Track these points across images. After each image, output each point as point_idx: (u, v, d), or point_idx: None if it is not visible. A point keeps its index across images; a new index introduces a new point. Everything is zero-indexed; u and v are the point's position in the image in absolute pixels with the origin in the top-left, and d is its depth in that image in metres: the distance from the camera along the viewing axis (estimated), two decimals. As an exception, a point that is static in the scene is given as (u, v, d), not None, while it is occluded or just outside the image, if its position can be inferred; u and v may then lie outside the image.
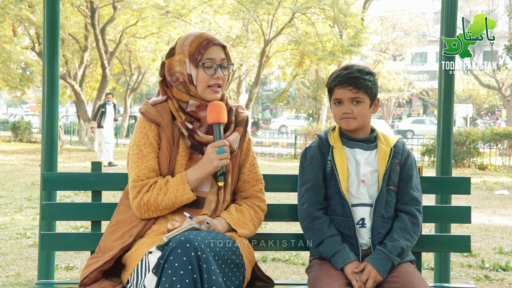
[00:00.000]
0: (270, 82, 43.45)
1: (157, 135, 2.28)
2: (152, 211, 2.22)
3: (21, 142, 22.67)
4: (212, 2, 18.61)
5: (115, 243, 2.23)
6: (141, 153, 2.26)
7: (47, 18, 3.08)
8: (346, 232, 2.29)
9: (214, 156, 2.21)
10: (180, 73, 2.26)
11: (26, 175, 11.13)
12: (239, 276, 2.12)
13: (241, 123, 2.37)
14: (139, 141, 2.27)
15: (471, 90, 34.27)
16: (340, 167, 2.30)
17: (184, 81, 2.26)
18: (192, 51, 2.25)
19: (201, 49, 2.25)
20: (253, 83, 20.40)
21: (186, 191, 2.19)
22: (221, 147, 2.22)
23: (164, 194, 2.19)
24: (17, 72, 19.72)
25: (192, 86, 2.26)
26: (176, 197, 2.19)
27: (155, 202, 2.19)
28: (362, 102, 2.31)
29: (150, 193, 2.20)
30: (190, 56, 2.25)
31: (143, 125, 2.29)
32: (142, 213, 2.23)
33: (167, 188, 2.20)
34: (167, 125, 2.27)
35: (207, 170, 2.22)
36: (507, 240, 5.92)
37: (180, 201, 2.20)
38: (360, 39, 18.28)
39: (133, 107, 37.89)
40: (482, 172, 13.37)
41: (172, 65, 2.28)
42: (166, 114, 2.29)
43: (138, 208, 2.22)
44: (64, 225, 6.08)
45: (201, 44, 2.26)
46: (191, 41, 2.27)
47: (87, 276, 2.17)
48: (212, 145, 2.23)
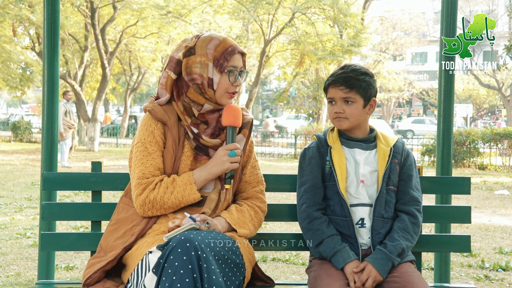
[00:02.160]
0: (270, 82, 43.45)
1: (163, 134, 2.27)
2: (156, 209, 2.21)
3: (21, 142, 22.66)
4: (212, 2, 18.60)
5: (117, 242, 2.22)
6: (147, 150, 2.25)
7: (47, 18, 3.08)
8: (346, 232, 2.29)
9: (226, 158, 2.22)
10: (200, 75, 2.25)
11: (26, 175, 11.13)
12: (239, 276, 2.12)
13: (246, 126, 2.38)
14: (145, 138, 2.27)
15: (471, 90, 34.26)
16: (338, 167, 2.30)
17: (202, 84, 2.25)
18: (217, 56, 2.25)
19: (227, 56, 2.25)
20: (253, 83, 20.40)
21: (193, 191, 2.19)
22: (233, 150, 2.23)
23: (171, 192, 2.19)
24: (17, 72, 19.70)
25: (210, 90, 2.26)
26: (183, 196, 2.19)
27: (161, 200, 2.19)
28: (354, 102, 2.31)
29: (156, 191, 2.19)
30: (215, 61, 2.25)
31: (149, 122, 2.28)
32: (146, 210, 2.22)
33: (174, 187, 2.20)
34: (174, 124, 2.27)
35: (216, 171, 2.23)
36: (507, 240, 5.92)
37: (186, 201, 2.20)
38: (360, 39, 18.27)
39: (133, 107, 37.93)
40: (482, 172, 13.37)
41: (190, 65, 2.26)
42: (173, 114, 2.28)
43: (143, 205, 2.21)
44: (64, 225, 6.08)
45: (226, 50, 2.25)
46: (215, 45, 2.26)
47: (91, 276, 2.17)
48: (225, 148, 2.24)
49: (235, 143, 2.26)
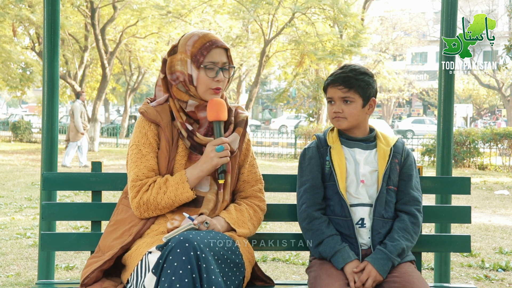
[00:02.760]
0: (270, 82, 43.45)
1: (157, 135, 2.27)
2: (151, 210, 2.22)
3: (21, 142, 22.66)
4: (212, 2, 18.60)
5: (114, 242, 2.22)
6: (141, 153, 2.26)
7: (47, 18, 3.08)
8: (346, 232, 2.29)
9: (214, 154, 2.21)
10: (181, 73, 2.25)
11: (26, 175, 11.13)
12: (239, 276, 2.12)
13: (240, 124, 2.37)
14: (138, 141, 2.27)
15: (471, 90, 34.26)
16: (338, 167, 2.30)
17: (184, 81, 2.25)
18: (194, 51, 2.24)
19: (203, 51, 2.24)
20: (253, 83, 20.39)
21: (186, 190, 2.19)
22: (221, 145, 2.21)
23: (164, 192, 2.19)
24: (17, 72, 19.69)
25: (192, 87, 2.25)
26: (175, 195, 2.19)
27: (155, 201, 2.19)
28: (353, 102, 2.31)
29: (149, 192, 2.20)
30: (192, 57, 2.24)
31: (143, 125, 2.29)
32: (142, 212, 2.22)
33: (167, 187, 2.20)
34: (166, 125, 2.27)
35: (206, 168, 2.22)
36: (507, 240, 5.92)
37: (179, 200, 2.20)
38: (360, 39, 18.27)
39: (133, 107, 37.92)
40: (482, 172, 13.37)
41: (173, 64, 2.27)
42: (166, 115, 2.28)
43: (138, 207, 2.21)
44: (64, 225, 6.08)
45: (204, 45, 2.24)
46: (194, 41, 2.25)
47: (88, 276, 2.17)
48: (212, 143, 2.23)
49: (222, 138, 2.24)
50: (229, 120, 2.35)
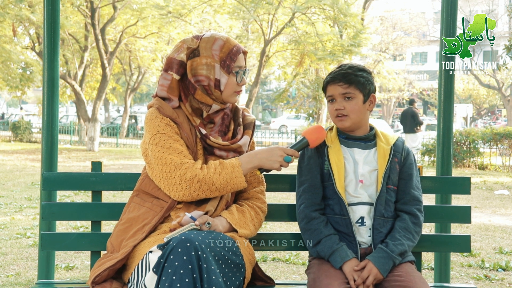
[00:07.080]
0: (270, 82, 43.44)
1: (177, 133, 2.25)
2: (203, 190, 2.17)
3: (21, 142, 22.66)
4: (212, 2, 18.60)
5: (127, 242, 2.21)
6: (171, 138, 2.22)
7: (47, 18, 3.08)
8: (344, 230, 2.29)
9: (280, 159, 2.23)
10: (206, 77, 2.25)
11: (26, 175, 11.13)
12: (239, 276, 2.12)
13: (249, 126, 2.41)
14: (163, 129, 2.23)
15: (471, 90, 34.24)
16: (336, 167, 2.30)
17: (209, 85, 2.25)
18: (223, 57, 2.25)
19: (233, 56, 2.26)
20: (253, 83, 20.38)
21: (240, 175, 2.19)
22: (290, 157, 2.24)
23: (219, 173, 2.17)
24: (17, 72, 19.68)
25: (216, 91, 2.26)
26: (230, 178, 2.18)
27: (210, 180, 2.16)
28: (354, 98, 2.31)
29: (205, 171, 2.17)
30: (221, 62, 2.25)
31: (161, 116, 2.25)
32: (192, 192, 2.17)
33: (222, 168, 2.19)
34: (184, 122, 2.26)
35: (263, 164, 2.24)
36: (507, 240, 5.92)
37: (233, 184, 2.19)
38: (360, 39, 18.27)
39: (133, 107, 37.92)
40: (482, 172, 13.37)
41: (195, 67, 2.25)
42: (181, 113, 2.28)
43: (190, 185, 2.15)
44: (64, 225, 6.08)
45: (231, 51, 2.26)
46: (220, 46, 2.26)
47: (99, 274, 2.15)
48: (284, 150, 2.25)
49: (296, 152, 2.27)
50: (237, 122, 2.37)
